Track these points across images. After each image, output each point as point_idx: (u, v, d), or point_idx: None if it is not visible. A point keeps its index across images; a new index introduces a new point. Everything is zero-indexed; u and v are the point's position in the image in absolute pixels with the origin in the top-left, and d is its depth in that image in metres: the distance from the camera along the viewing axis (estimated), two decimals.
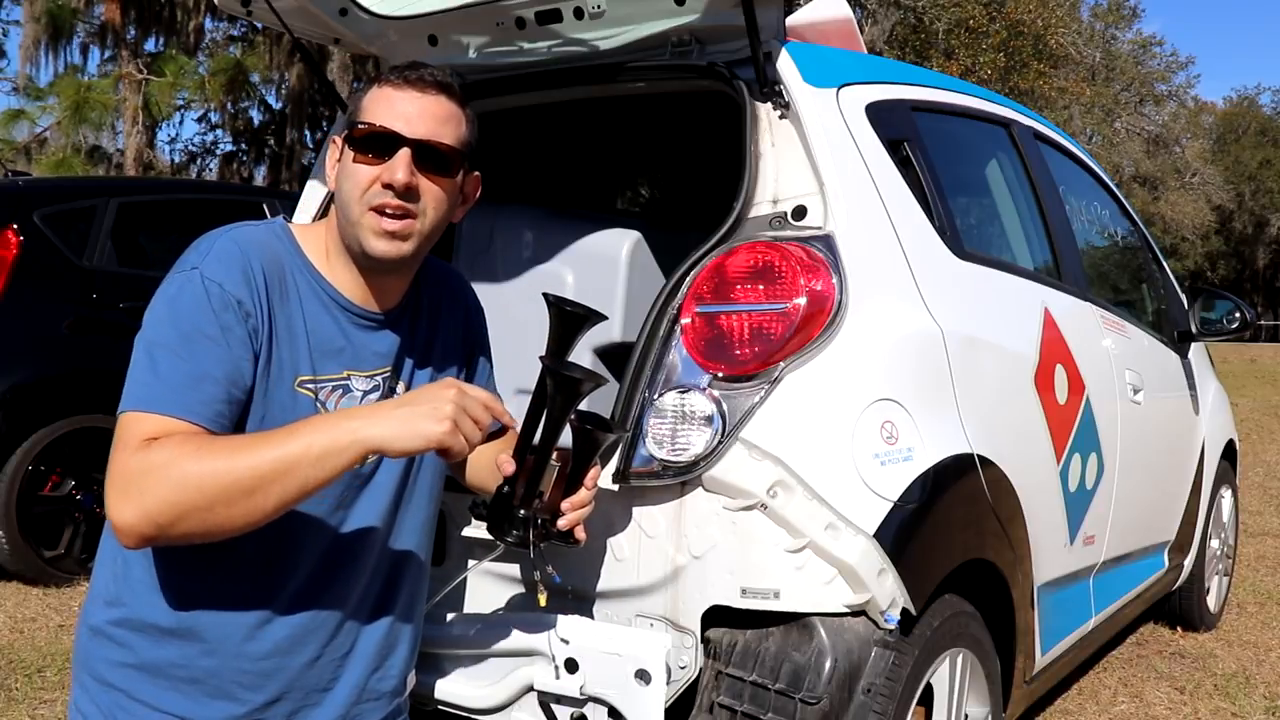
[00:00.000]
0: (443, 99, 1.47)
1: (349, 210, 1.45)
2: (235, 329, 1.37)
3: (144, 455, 1.27)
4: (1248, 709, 3.26)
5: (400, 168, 1.41)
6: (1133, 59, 35.28)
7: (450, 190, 1.49)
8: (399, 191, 1.42)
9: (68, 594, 4.13)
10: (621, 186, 4.25)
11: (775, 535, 1.68)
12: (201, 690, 1.43)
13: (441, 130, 1.46)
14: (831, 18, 2.34)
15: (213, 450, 1.28)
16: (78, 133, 14.32)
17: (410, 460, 1.59)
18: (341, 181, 1.47)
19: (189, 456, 1.26)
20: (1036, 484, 2.29)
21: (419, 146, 1.43)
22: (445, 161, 1.46)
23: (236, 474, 1.26)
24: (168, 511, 1.26)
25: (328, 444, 1.29)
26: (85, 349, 4.22)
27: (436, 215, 1.48)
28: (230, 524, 1.29)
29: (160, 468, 1.26)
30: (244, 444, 1.30)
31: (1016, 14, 20.67)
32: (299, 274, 1.49)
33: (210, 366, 1.34)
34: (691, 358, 1.76)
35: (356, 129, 1.45)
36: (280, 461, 1.27)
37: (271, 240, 1.48)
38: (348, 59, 14.27)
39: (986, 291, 2.28)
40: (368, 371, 1.53)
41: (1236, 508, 4.41)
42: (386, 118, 1.43)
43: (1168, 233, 37.58)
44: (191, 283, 1.37)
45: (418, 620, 1.68)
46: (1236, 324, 3.59)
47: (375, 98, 1.47)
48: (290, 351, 1.45)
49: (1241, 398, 13.35)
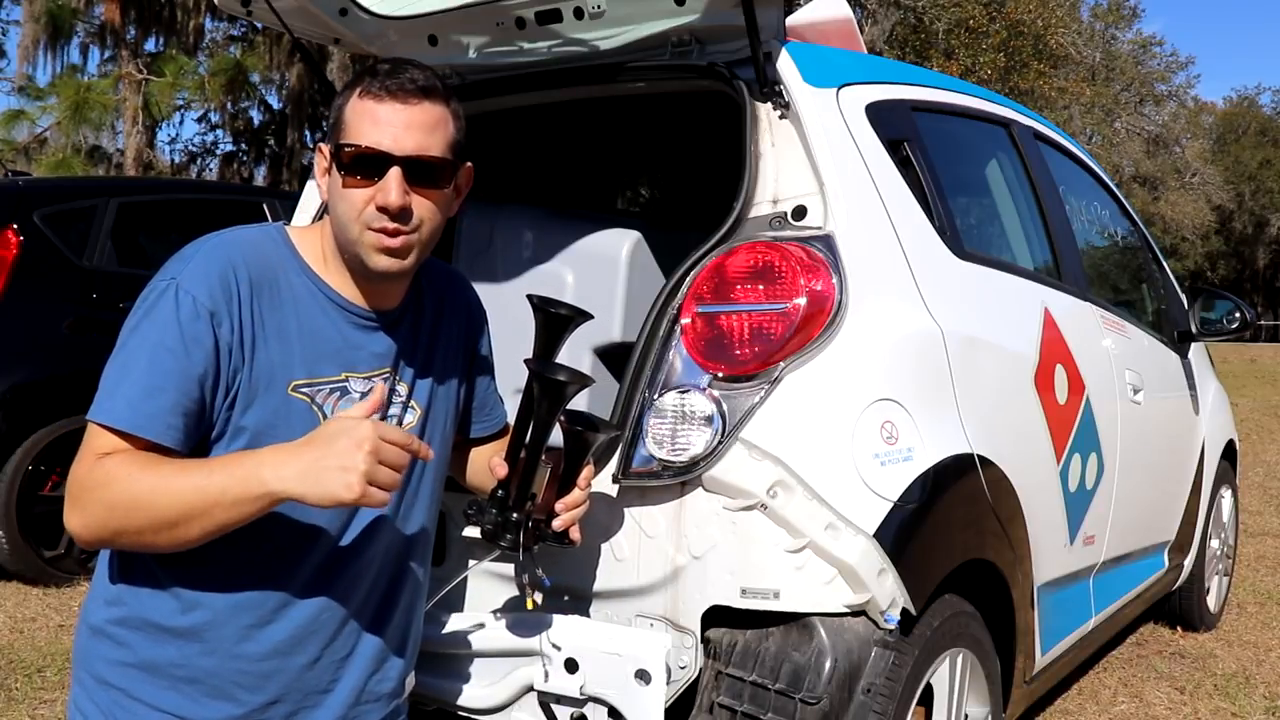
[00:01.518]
0: (426, 105, 1.42)
1: (347, 230, 1.43)
2: (203, 340, 1.36)
3: (90, 471, 1.33)
4: (1248, 709, 3.26)
5: (393, 189, 1.38)
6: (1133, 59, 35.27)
7: (444, 199, 1.47)
8: (393, 214, 1.40)
9: (68, 594, 4.13)
10: (621, 186, 4.25)
11: (775, 535, 1.68)
12: (200, 690, 1.43)
13: (429, 141, 1.42)
14: (831, 18, 2.34)
15: (144, 478, 1.31)
16: (78, 133, 14.32)
17: (411, 462, 1.59)
18: (335, 202, 1.44)
19: (122, 481, 1.31)
20: (1036, 484, 2.29)
21: (409, 163, 1.40)
22: (437, 174, 1.44)
23: (159, 507, 1.30)
24: (102, 529, 1.33)
25: (240, 492, 1.29)
26: (85, 349, 4.23)
27: (434, 224, 1.47)
28: (161, 547, 1.35)
29: (98, 487, 1.32)
30: (171, 475, 1.32)
31: (1016, 14, 20.66)
32: (295, 276, 1.48)
33: (164, 380, 1.34)
34: (691, 358, 1.76)
35: (344, 151, 1.41)
36: (198, 501, 1.29)
37: (265, 244, 1.48)
38: (348, 59, 14.27)
39: (986, 291, 2.28)
40: (365, 373, 1.52)
41: (1236, 508, 4.41)
42: (372, 136, 1.40)
43: (1168, 233, 37.58)
44: (166, 294, 1.38)
45: (418, 621, 1.68)
46: (1236, 324, 3.59)
47: (358, 111, 1.42)
48: (282, 357, 1.44)
49: (1241, 398, 13.35)
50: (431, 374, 1.63)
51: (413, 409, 1.60)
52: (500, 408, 1.86)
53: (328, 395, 1.48)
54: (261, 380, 1.42)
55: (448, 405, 1.67)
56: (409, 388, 1.59)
